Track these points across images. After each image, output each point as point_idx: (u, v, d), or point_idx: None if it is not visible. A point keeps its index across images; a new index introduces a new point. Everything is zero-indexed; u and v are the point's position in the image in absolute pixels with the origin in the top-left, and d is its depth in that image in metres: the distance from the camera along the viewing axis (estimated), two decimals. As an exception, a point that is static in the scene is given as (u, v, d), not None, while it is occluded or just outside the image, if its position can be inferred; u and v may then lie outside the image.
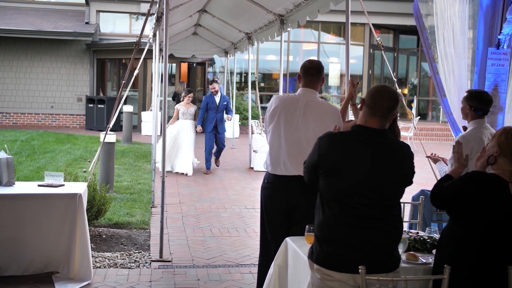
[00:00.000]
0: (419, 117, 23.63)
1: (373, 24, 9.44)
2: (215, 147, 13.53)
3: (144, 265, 6.66)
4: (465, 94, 5.51)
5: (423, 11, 6.54)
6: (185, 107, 12.91)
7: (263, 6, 9.77)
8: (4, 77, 22.10)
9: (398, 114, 5.57)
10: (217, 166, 14.03)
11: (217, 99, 12.94)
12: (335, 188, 3.57)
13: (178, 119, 13.14)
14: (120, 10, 23.34)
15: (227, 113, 13.56)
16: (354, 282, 3.49)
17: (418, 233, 4.58)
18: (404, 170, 3.62)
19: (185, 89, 14.82)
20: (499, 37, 6.16)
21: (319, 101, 4.99)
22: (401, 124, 17.24)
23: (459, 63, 6.31)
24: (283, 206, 4.92)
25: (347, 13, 7.24)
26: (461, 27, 6.28)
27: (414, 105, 24.14)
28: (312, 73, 4.99)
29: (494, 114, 5.71)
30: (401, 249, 3.94)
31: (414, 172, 3.67)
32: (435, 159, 5.62)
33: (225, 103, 13.42)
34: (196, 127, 13.01)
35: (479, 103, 5.34)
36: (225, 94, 22.16)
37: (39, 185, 6.37)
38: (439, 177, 5.15)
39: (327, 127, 4.54)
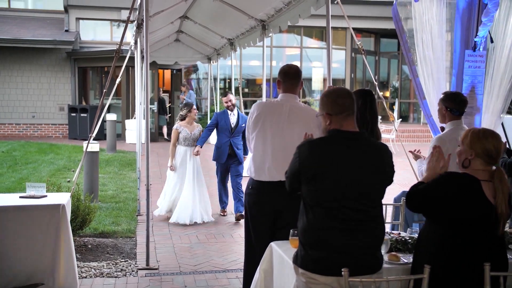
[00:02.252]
0: (400, 119, 23.73)
1: (354, 28, 9.56)
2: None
3: (130, 274, 6.67)
4: (441, 96, 5.61)
5: (402, 15, 6.61)
6: (188, 129, 9.18)
7: (244, 11, 9.82)
8: (-18, 87, 21.97)
9: (380, 117, 5.63)
10: (238, 220, 9.36)
11: (233, 118, 9.20)
12: (318, 193, 3.60)
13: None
14: (100, 17, 23.23)
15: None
16: (338, 284, 3.51)
17: (400, 233, 4.63)
18: (385, 169, 3.68)
19: (184, 103, 12.96)
20: (475, 39, 6.24)
21: (301, 106, 5.04)
22: (383, 126, 17.36)
23: (438, 66, 6.37)
24: (268, 212, 4.96)
25: (327, 18, 7.28)
26: (439, 30, 6.34)
27: (396, 107, 24.23)
28: (292, 77, 5.04)
29: (471, 115, 5.79)
30: (383, 250, 3.98)
31: (394, 171, 3.72)
32: (416, 156, 5.68)
33: (244, 125, 8.80)
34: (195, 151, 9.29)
35: (454, 103, 5.44)
36: (207, 100, 21.96)
37: (21, 197, 6.32)
38: (417, 174, 5.22)
39: (311, 131, 4.62)
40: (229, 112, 9.31)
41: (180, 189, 9.22)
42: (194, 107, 9.47)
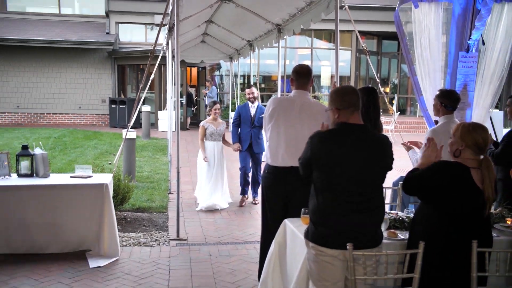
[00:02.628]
0: (399, 112, 23.61)
1: (359, 31, 9.46)
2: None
3: (163, 243, 6.72)
4: (437, 92, 5.56)
5: (403, 20, 6.54)
6: (213, 125, 8.64)
7: (262, 16, 9.77)
8: (37, 82, 22.11)
9: (381, 110, 5.61)
10: (255, 203, 9.09)
11: (253, 110, 8.63)
12: (328, 180, 3.60)
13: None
14: (136, 21, 23.24)
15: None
16: (343, 257, 3.53)
17: (397, 213, 4.61)
18: (385, 159, 3.67)
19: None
20: (468, 42, 6.18)
21: (311, 102, 5.03)
22: (383, 118, 17.29)
23: (434, 65, 6.32)
24: (282, 193, 4.96)
25: (336, 22, 7.22)
26: (436, 34, 6.28)
27: (395, 102, 24.07)
28: (304, 76, 5.01)
29: (463, 110, 5.75)
30: (383, 227, 3.99)
31: (393, 159, 3.71)
32: (408, 147, 5.66)
33: (261, 115, 8.29)
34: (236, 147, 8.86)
35: (449, 100, 5.40)
36: (212, 95, 21.23)
37: (71, 177, 6.42)
38: (411, 162, 5.21)
39: (319, 124, 4.61)
40: (250, 104, 8.67)
41: (210, 179, 8.63)
42: (215, 106, 8.69)
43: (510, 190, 5.22)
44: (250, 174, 8.97)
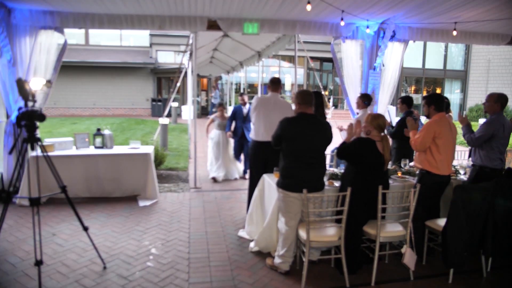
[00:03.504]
0: (334, 106, 23.63)
1: (309, 56, 9.43)
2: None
3: (186, 190, 6.70)
4: (359, 94, 5.58)
5: (336, 50, 6.52)
6: (220, 119, 7.80)
7: (249, 46, 9.69)
8: (107, 88, 21.84)
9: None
10: (246, 178, 7.84)
11: (245, 110, 7.74)
12: (291, 148, 3.60)
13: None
14: (168, 49, 22.96)
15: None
16: (300, 197, 3.56)
17: (334, 170, 4.65)
18: (327, 136, 3.67)
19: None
20: (375, 64, 6.21)
21: (281, 100, 5.00)
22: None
23: (355, 78, 6.32)
24: (262, 158, 4.95)
25: (295, 50, 7.23)
26: (355, 59, 6.28)
27: (331, 100, 24.07)
28: (276, 84, 4.99)
29: (372, 106, 5.79)
30: (325, 179, 4.03)
31: (332, 137, 3.73)
32: (340, 129, 5.69)
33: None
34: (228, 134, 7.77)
35: (367, 99, 5.44)
36: (216, 97, 20.97)
37: (128, 148, 6.36)
38: (342, 138, 5.24)
39: (286, 114, 4.60)
40: (242, 106, 7.61)
41: (218, 158, 7.67)
42: (221, 108, 7.81)
43: (400, 155, 5.28)
44: (242, 155, 7.85)
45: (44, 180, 5.37)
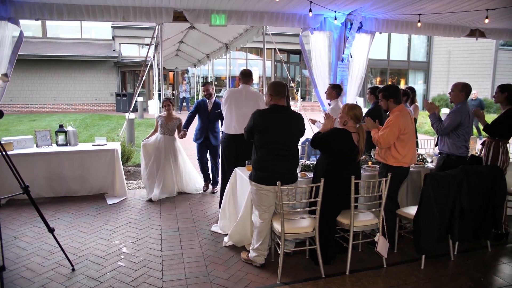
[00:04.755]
0: (302, 98, 23.85)
1: (278, 48, 9.42)
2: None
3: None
4: (329, 85, 5.63)
5: (304, 41, 6.52)
6: (166, 120, 5.99)
7: (216, 38, 9.56)
8: (67, 83, 21.04)
9: (291, 98, 5.59)
10: (214, 192, 6.28)
11: (210, 105, 6.07)
12: (264, 141, 3.58)
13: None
14: (133, 42, 22.38)
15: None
16: (274, 190, 3.57)
17: (306, 161, 4.69)
18: (300, 128, 3.66)
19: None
20: (343, 56, 6.26)
21: (252, 91, 4.97)
22: (292, 103, 17.52)
23: (323, 70, 6.34)
24: (234, 152, 4.92)
25: (263, 42, 7.20)
26: (324, 50, 6.31)
27: (299, 92, 24.29)
28: (247, 76, 4.96)
29: (341, 96, 5.85)
30: (298, 170, 4.04)
31: (305, 128, 3.72)
32: (313, 121, 5.73)
33: (218, 110, 5.92)
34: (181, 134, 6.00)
35: (339, 89, 5.52)
36: (188, 90, 20.12)
37: (92, 145, 6.15)
38: (317, 128, 5.29)
39: (258, 105, 4.59)
40: (207, 100, 6.08)
41: (158, 170, 5.94)
42: (168, 103, 5.98)
43: (370, 145, 5.37)
44: (209, 164, 6.37)
45: (2, 180, 5.12)
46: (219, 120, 6.05)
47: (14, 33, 5.39)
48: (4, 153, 3.38)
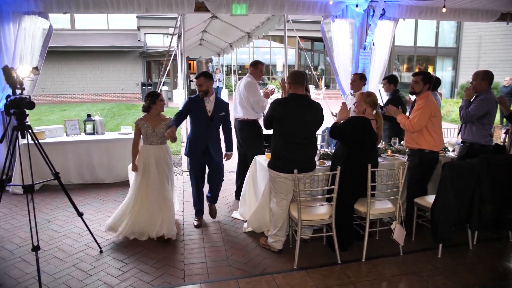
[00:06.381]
0: (326, 87, 23.62)
1: (299, 36, 9.38)
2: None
3: (179, 174, 6.70)
4: (356, 75, 5.59)
5: (326, 29, 6.47)
6: (151, 123, 4.35)
7: (238, 27, 9.61)
8: (95, 73, 21.62)
9: (314, 86, 5.61)
10: (213, 217, 4.69)
11: (209, 105, 4.25)
12: (282, 129, 3.63)
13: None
14: (157, 32, 22.68)
15: (224, 132, 4.48)
16: (292, 178, 3.63)
17: (325, 150, 4.71)
18: (318, 117, 3.69)
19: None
20: (365, 43, 6.21)
21: (247, 81, 5.10)
22: (315, 91, 17.37)
23: (345, 58, 6.32)
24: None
25: (285, 31, 7.19)
26: (346, 38, 6.27)
27: (322, 80, 24.04)
28: (251, 65, 5.16)
29: (364, 85, 5.82)
30: (316, 158, 4.09)
31: (323, 118, 3.75)
32: (335, 115, 5.75)
33: (223, 113, 4.32)
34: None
35: (364, 79, 5.52)
36: (222, 79, 19.44)
37: (118, 133, 6.37)
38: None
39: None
40: (207, 98, 4.28)
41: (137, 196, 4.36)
42: (160, 99, 4.48)
43: (392, 135, 5.35)
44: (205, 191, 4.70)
45: (36, 167, 5.39)
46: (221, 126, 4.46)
47: (44, 26, 5.62)
48: (37, 141, 3.59)
